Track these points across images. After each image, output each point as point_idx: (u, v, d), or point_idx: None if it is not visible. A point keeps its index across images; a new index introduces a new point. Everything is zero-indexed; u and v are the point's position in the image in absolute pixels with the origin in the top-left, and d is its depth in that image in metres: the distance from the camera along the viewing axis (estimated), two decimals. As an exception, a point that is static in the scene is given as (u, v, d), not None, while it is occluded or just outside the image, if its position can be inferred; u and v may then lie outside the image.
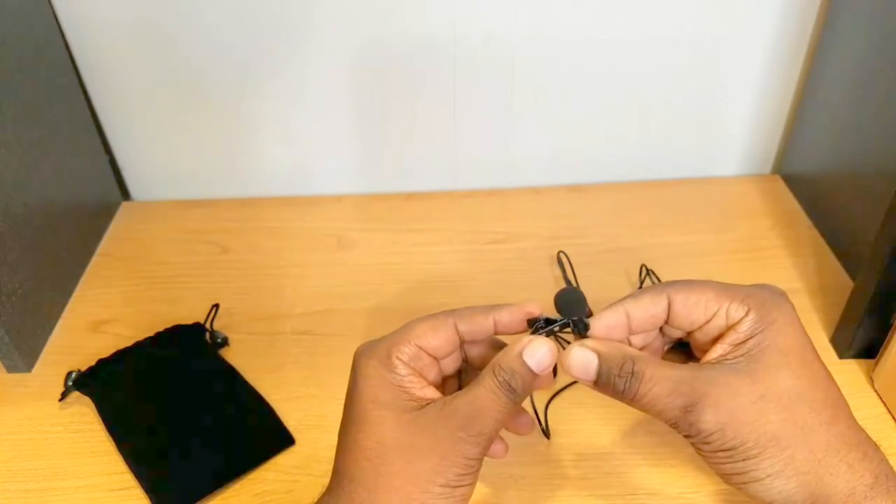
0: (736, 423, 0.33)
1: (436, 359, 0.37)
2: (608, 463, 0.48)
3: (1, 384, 0.54)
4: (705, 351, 0.36)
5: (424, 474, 0.33)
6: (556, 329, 0.37)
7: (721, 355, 0.35)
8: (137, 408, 0.51)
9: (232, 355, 0.56)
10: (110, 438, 0.50)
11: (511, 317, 0.37)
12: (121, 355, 0.54)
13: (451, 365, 0.39)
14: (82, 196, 0.66)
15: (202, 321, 0.58)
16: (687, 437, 0.35)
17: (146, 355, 0.55)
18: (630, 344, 0.38)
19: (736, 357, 0.34)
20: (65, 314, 0.60)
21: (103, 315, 0.60)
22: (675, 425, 0.34)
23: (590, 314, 0.37)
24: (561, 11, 0.63)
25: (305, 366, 0.55)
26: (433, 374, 0.38)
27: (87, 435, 0.51)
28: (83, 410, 0.52)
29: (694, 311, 0.36)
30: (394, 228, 0.69)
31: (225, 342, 0.57)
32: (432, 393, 0.36)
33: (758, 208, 0.70)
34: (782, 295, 0.36)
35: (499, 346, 0.39)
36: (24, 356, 0.55)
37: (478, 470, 0.35)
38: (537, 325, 0.37)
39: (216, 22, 0.63)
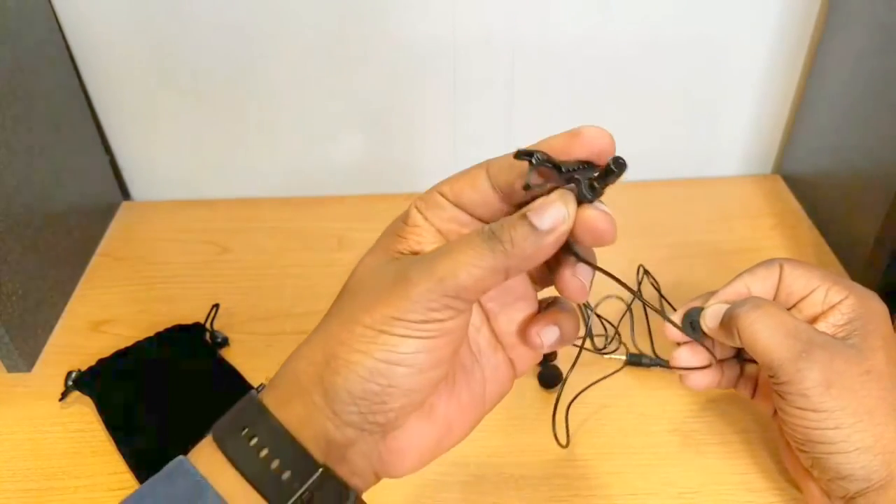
0: (841, 385, 0.35)
1: (469, 213, 0.32)
2: (608, 463, 0.48)
3: (1, 384, 0.54)
4: None
5: (381, 307, 0.29)
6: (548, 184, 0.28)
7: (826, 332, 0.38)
8: (137, 408, 0.51)
9: (232, 355, 0.56)
10: (110, 438, 0.50)
11: (564, 142, 0.29)
12: (121, 355, 0.54)
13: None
14: (82, 196, 0.66)
15: (202, 321, 0.58)
16: (781, 385, 0.36)
17: (146, 355, 0.55)
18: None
19: (846, 333, 0.38)
20: (65, 314, 0.60)
21: (103, 315, 0.60)
22: (778, 367, 0.36)
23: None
24: (561, 11, 0.63)
25: (305, 366, 0.55)
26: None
27: (87, 435, 0.51)
28: (83, 410, 0.52)
29: (797, 283, 0.40)
30: (394, 228, 0.68)
31: (225, 342, 0.57)
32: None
33: (758, 208, 0.69)
34: (876, 296, 0.40)
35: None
36: (24, 356, 0.55)
37: (447, 337, 0.29)
38: (535, 159, 0.27)
39: (216, 22, 0.63)
